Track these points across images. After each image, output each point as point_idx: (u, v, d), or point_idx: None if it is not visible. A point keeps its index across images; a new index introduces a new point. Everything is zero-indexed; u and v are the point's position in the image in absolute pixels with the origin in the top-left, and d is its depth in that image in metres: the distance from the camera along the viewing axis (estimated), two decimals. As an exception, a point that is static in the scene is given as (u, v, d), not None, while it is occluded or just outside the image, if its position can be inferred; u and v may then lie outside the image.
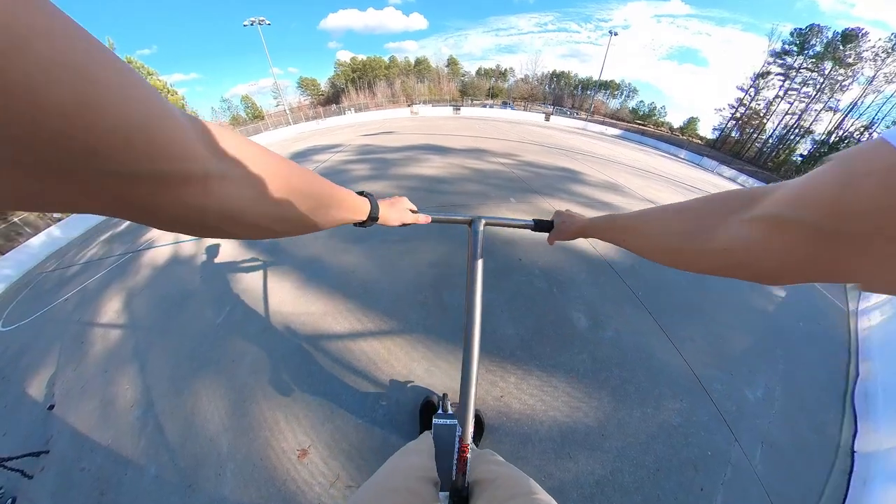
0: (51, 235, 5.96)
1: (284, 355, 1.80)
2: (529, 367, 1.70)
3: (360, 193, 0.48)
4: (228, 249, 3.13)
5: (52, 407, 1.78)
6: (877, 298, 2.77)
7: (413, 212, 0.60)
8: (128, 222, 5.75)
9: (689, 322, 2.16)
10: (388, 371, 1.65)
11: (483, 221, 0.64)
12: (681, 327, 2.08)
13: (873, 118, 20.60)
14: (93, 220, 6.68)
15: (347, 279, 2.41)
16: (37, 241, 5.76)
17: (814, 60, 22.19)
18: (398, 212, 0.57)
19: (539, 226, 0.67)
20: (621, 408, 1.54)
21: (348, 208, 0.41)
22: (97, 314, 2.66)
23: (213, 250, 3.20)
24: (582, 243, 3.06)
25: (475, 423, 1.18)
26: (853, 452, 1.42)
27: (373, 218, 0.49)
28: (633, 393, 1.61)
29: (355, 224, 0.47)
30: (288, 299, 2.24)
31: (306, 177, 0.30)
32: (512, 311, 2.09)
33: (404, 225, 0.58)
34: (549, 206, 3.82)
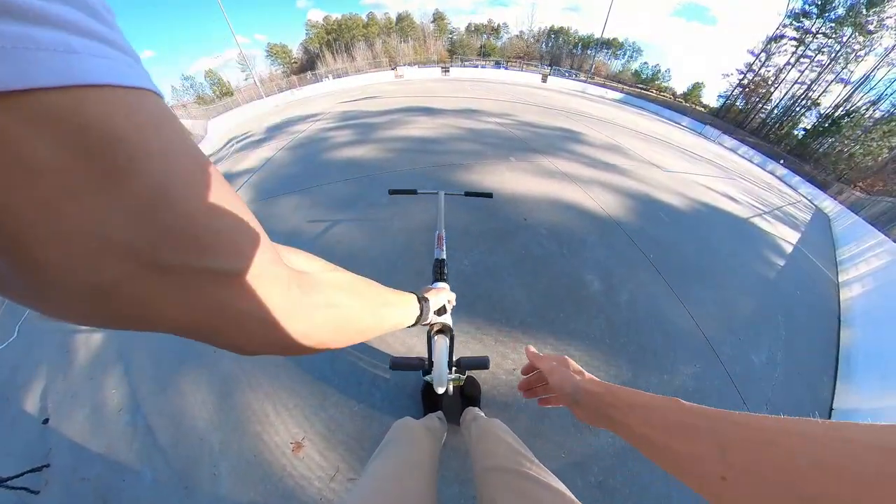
0: None
1: None
2: (543, 334, 1.60)
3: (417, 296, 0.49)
4: None
5: (46, 420, 1.73)
6: (857, 271, 2.98)
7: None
8: None
9: (699, 286, 2.18)
10: (383, 349, 1.52)
11: (443, 193, 0.86)
12: (691, 291, 2.09)
13: (881, 94, 19.15)
14: None
15: (334, 251, 2.22)
16: None
17: (833, 25, 20.02)
18: (439, 301, 0.56)
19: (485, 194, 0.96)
20: (640, 374, 1.50)
21: (399, 313, 0.40)
22: None
23: None
24: (588, 202, 2.91)
25: (471, 387, 1.19)
26: (830, 411, 1.57)
27: (423, 316, 0.48)
28: (650, 359, 1.58)
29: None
30: None
31: (364, 281, 0.33)
32: (520, 274, 1.96)
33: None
34: (551, 165, 3.58)
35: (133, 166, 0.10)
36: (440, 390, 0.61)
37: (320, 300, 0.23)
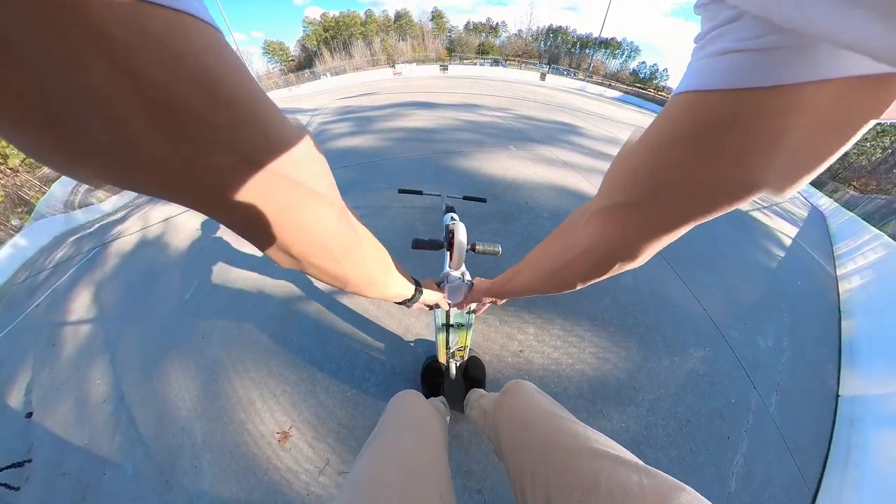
0: (16, 246, 5.57)
1: (257, 324, 1.61)
2: (550, 314, 1.54)
3: (416, 281, 0.51)
4: (193, 222, 2.87)
5: (30, 414, 1.69)
6: (854, 264, 3.14)
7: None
8: (97, 224, 5.39)
9: (704, 272, 2.16)
10: (378, 331, 1.45)
11: (446, 195, 0.98)
12: (696, 276, 2.06)
13: None
14: (57, 227, 6.18)
15: None
16: (2, 254, 5.40)
17: None
18: (434, 297, 0.58)
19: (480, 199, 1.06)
20: (650, 357, 1.44)
21: (399, 285, 0.44)
22: (66, 313, 2.52)
23: (179, 225, 2.94)
24: (589, 188, 2.91)
25: (475, 368, 1.17)
26: (837, 397, 1.58)
27: (413, 299, 0.51)
28: (659, 341, 1.53)
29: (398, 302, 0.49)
30: (259, 263, 2.02)
31: (378, 244, 0.35)
32: (524, 255, 1.87)
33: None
34: (551, 154, 3.54)
35: (243, 104, 0.14)
36: (457, 273, 0.66)
37: (357, 242, 0.27)
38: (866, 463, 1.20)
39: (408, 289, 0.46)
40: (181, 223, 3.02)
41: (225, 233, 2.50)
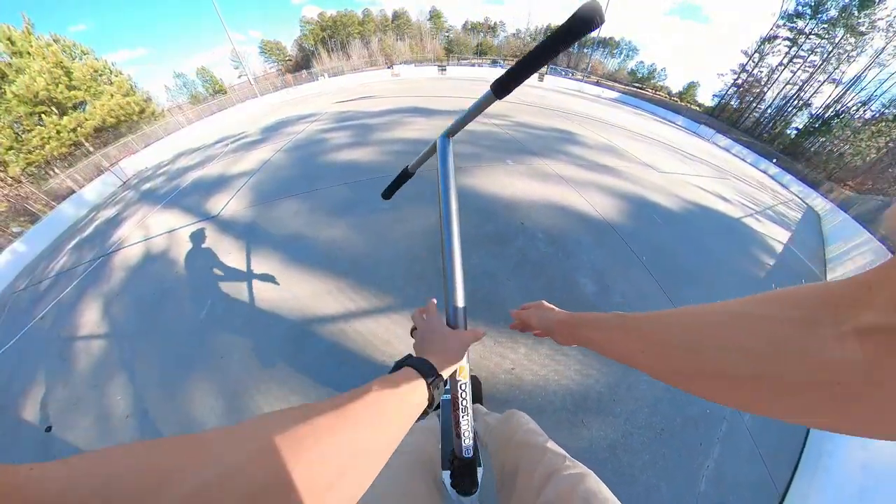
0: (15, 252, 5.48)
1: (275, 345, 1.71)
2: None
3: (403, 363, 0.35)
4: (198, 236, 2.91)
5: (49, 428, 1.73)
6: (844, 269, 3.11)
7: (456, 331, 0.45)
8: (94, 224, 5.37)
9: (691, 287, 2.24)
10: (388, 352, 1.57)
11: (448, 135, 0.52)
12: (683, 291, 2.15)
13: (871, 94, 19.76)
14: (57, 229, 6.20)
15: (335, 256, 2.26)
16: (1, 259, 5.33)
17: (825, 26, 20.39)
18: (454, 350, 0.41)
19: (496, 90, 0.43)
20: (631, 372, 1.55)
21: (395, 429, 0.27)
22: (76, 327, 2.51)
23: (187, 239, 2.97)
24: (583, 205, 2.95)
25: (472, 385, 1.14)
26: None
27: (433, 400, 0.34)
28: None
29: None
30: (272, 284, 2.12)
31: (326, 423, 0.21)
32: (519, 277, 2.02)
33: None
34: (548, 168, 3.62)
35: None
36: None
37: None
38: (834, 467, 1.26)
39: (417, 403, 0.30)
40: (184, 237, 3.02)
41: (236, 248, 2.55)
